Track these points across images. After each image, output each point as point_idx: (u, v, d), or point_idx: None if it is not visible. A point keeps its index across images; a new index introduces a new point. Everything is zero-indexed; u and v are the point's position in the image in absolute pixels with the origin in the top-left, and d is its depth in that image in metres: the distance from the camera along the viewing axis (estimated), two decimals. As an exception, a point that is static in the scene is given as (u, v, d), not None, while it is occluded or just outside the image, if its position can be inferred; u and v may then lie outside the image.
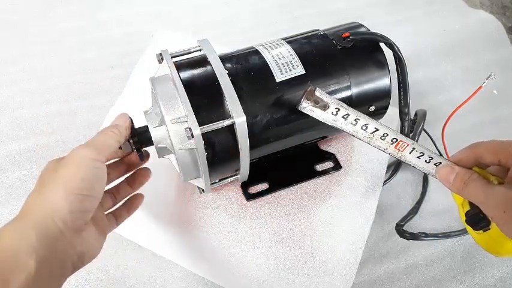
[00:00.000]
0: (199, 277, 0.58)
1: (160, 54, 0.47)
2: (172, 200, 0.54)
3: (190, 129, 0.40)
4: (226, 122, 0.42)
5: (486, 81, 0.62)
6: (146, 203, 0.53)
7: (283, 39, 0.51)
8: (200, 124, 0.41)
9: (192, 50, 0.48)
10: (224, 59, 0.47)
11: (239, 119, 0.41)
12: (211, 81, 0.44)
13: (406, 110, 0.52)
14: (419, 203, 0.62)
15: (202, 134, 0.41)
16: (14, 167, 0.65)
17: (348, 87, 0.48)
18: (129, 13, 0.87)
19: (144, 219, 0.53)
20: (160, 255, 0.59)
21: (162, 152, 0.47)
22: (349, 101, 0.48)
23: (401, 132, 0.54)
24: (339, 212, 0.54)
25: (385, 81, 0.50)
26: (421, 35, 0.88)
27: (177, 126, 0.43)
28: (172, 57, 0.47)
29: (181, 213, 0.52)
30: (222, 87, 0.43)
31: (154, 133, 0.45)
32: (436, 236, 0.58)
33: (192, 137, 0.41)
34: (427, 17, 0.92)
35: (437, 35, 0.88)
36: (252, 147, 0.44)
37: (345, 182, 0.58)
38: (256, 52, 0.48)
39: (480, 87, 0.62)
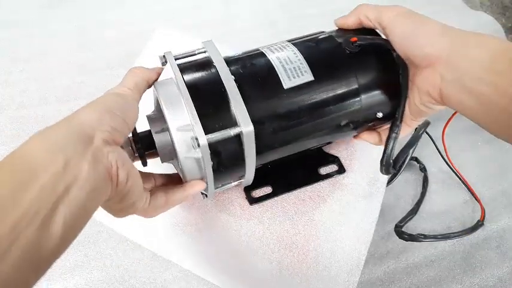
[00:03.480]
0: (200, 277, 0.57)
1: (164, 56, 0.45)
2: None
3: (196, 138, 0.39)
4: (233, 131, 0.40)
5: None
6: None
7: (289, 41, 0.49)
8: (206, 132, 0.39)
9: (196, 52, 0.47)
10: (230, 62, 0.45)
11: (246, 128, 0.40)
12: (217, 87, 0.42)
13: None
14: (419, 204, 0.62)
15: (208, 143, 0.40)
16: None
17: (357, 94, 0.47)
18: (129, 13, 0.85)
19: (146, 220, 0.52)
20: (160, 255, 0.59)
21: (166, 157, 0.46)
22: (359, 109, 0.47)
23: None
24: (341, 217, 0.54)
25: (394, 88, 0.48)
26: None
27: (182, 134, 0.41)
28: (175, 60, 0.45)
29: (184, 216, 0.52)
30: (229, 93, 0.41)
31: (158, 138, 0.44)
32: (435, 237, 0.58)
33: (199, 146, 0.39)
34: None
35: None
36: (258, 154, 0.44)
37: (348, 187, 0.57)
38: (263, 55, 0.46)
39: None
